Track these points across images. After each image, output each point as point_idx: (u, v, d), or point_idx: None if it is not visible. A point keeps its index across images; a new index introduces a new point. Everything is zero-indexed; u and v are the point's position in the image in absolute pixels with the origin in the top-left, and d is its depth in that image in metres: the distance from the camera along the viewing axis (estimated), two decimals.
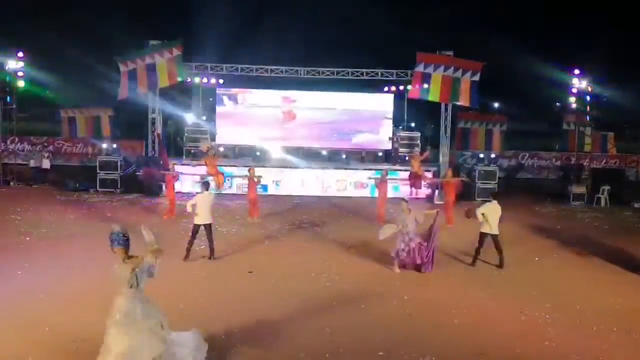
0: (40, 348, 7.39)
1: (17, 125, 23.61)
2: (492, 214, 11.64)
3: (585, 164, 23.47)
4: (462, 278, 11.17)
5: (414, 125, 27.55)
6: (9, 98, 21.89)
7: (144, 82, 20.59)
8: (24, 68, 21.58)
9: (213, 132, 23.33)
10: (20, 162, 23.66)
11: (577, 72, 21.56)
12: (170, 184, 16.69)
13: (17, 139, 24.63)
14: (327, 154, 23.61)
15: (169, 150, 21.63)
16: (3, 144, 22.66)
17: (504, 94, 38.68)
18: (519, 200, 19.74)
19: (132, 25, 30.85)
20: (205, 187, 12.27)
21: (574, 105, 22.39)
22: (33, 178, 21.85)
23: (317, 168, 21.28)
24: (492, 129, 25.98)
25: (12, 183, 21.44)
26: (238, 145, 23.54)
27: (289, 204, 18.82)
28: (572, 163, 23.18)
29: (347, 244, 13.45)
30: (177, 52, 20.51)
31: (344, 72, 22.05)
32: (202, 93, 24.72)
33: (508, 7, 41.97)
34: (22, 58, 21.41)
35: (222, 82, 23.31)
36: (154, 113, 21.73)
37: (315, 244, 13.56)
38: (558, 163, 26.22)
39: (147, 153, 22.62)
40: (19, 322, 8.18)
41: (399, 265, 11.38)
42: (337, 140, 23.86)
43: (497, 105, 42.15)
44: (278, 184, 20.62)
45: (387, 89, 23.80)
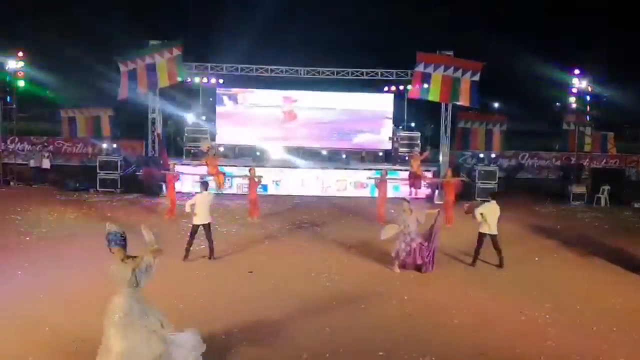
0: (40, 348, 7.40)
1: (17, 125, 23.67)
2: (490, 214, 11.64)
3: (585, 164, 23.45)
4: (462, 278, 11.17)
5: (414, 125, 27.53)
6: (9, 98, 21.92)
7: (144, 82, 20.61)
8: (24, 68, 21.59)
9: (213, 132, 23.34)
10: (20, 162, 23.63)
11: (577, 72, 21.58)
12: (171, 184, 16.70)
13: (17, 139, 24.61)
14: (327, 154, 23.60)
15: (169, 150, 21.65)
16: (3, 144, 22.67)
17: (504, 94, 38.66)
18: (519, 200, 19.74)
19: (132, 25, 30.86)
20: (204, 187, 12.27)
21: (574, 105, 22.42)
22: (33, 178, 21.84)
23: (317, 168, 21.29)
24: (492, 129, 25.98)
25: (12, 183, 21.44)
26: (238, 145, 23.54)
27: (289, 204, 18.82)
28: (572, 163, 23.16)
29: (347, 244, 13.45)
30: (177, 52, 20.54)
31: (344, 72, 22.06)
32: (202, 93, 24.73)
33: (508, 7, 42.00)
34: (22, 58, 21.42)
35: (221, 81, 23.32)
36: (154, 113, 21.74)
37: (315, 244, 13.57)
38: (558, 163, 26.18)
39: (147, 153, 22.62)
40: (19, 322, 8.18)
41: (399, 265, 11.38)
42: (337, 140, 23.86)
43: (497, 105, 42.13)
44: (278, 184, 20.61)
45: (387, 89, 23.79)
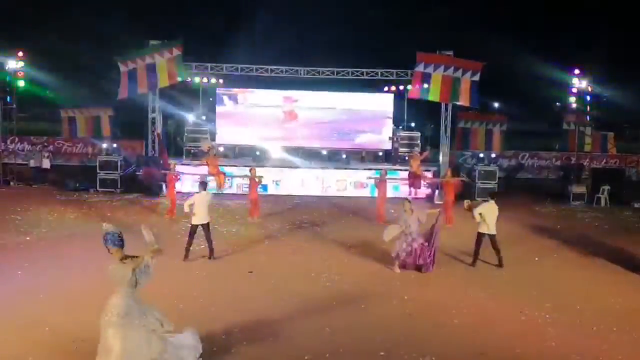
0: (40, 348, 7.39)
1: (17, 125, 23.62)
2: (489, 214, 11.66)
3: (585, 164, 23.44)
4: (462, 278, 11.17)
5: (414, 125, 27.51)
6: (9, 98, 21.89)
7: (144, 82, 20.61)
8: (24, 68, 21.58)
9: (213, 132, 23.34)
10: (21, 162, 23.62)
11: (577, 72, 21.56)
12: (172, 184, 16.71)
13: (17, 139, 24.61)
14: (327, 154, 23.60)
15: (169, 150, 21.65)
16: (3, 144, 22.66)
17: (504, 94, 38.66)
18: (519, 200, 19.75)
19: (132, 25, 30.84)
20: (203, 186, 12.30)
21: (574, 105, 22.40)
22: (33, 178, 21.83)
23: (317, 168, 21.29)
24: (492, 129, 25.96)
25: (12, 183, 21.43)
26: (238, 145, 23.53)
27: (289, 204, 18.82)
28: (572, 163, 23.14)
29: (347, 244, 13.44)
30: (177, 52, 20.54)
31: (344, 72, 22.06)
32: (202, 93, 24.73)
33: (508, 7, 42.00)
34: (22, 58, 21.41)
35: (221, 81, 23.32)
36: (154, 113, 21.73)
37: (315, 244, 13.56)
38: (558, 163, 26.18)
39: (147, 153, 22.61)
40: (19, 322, 8.17)
41: (400, 266, 11.38)
42: (337, 140, 23.86)
43: (497, 105, 42.11)
44: (278, 184, 20.60)
45: (387, 89, 23.80)
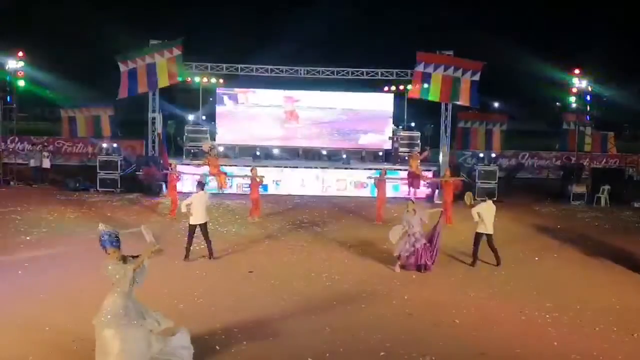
0: (40, 348, 7.39)
1: (17, 125, 23.60)
2: (487, 214, 11.68)
3: (586, 164, 23.42)
4: (462, 278, 11.17)
5: (414, 125, 27.52)
6: (9, 98, 21.86)
7: (144, 81, 20.60)
8: (24, 68, 21.56)
9: (213, 131, 23.33)
10: (21, 161, 23.58)
11: (577, 72, 21.55)
12: (172, 184, 16.71)
13: (17, 139, 24.58)
14: (327, 154, 23.59)
15: (169, 150, 21.64)
16: (3, 144, 22.63)
17: (504, 94, 38.72)
18: (519, 200, 19.76)
19: (132, 25, 30.86)
20: (201, 186, 12.32)
21: (574, 105, 22.39)
22: (33, 178, 21.81)
23: (317, 167, 21.28)
24: (492, 129, 25.98)
25: (12, 183, 21.40)
26: (238, 145, 23.52)
27: (289, 204, 18.81)
28: (572, 163, 23.13)
29: (347, 244, 13.45)
30: (177, 51, 20.54)
31: (344, 71, 22.06)
32: (202, 93, 24.73)
33: (508, 7, 42.05)
34: (22, 58, 21.40)
35: (221, 81, 23.30)
36: (154, 113, 21.71)
37: (315, 244, 13.56)
38: (558, 163, 26.18)
39: (147, 153, 22.59)
40: (19, 322, 8.17)
41: (400, 266, 11.39)
42: (337, 140, 23.84)
43: (497, 105, 42.16)
44: (278, 184, 20.58)
45: (387, 89, 23.77)
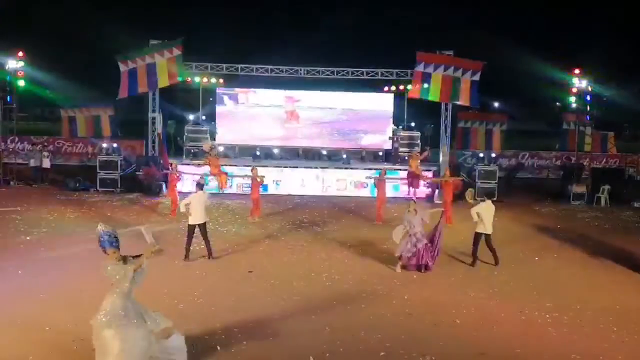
0: (40, 348, 7.39)
1: (17, 125, 23.61)
2: (486, 214, 11.69)
3: (586, 164, 23.42)
4: (462, 278, 11.16)
5: (414, 125, 27.54)
6: (9, 98, 21.87)
7: (144, 81, 20.61)
8: (24, 68, 21.56)
9: (213, 131, 23.33)
10: (21, 161, 23.58)
11: (577, 72, 21.55)
12: (173, 184, 16.71)
13: (17, 139, 24.59)
14: (327, 154, 23.60)
15: (169, 150, 21.64)
16: (3, 144, 22.64)
17: (504, 94, 38.72)
18: (519, 200, 19.77)
19: (132, 25, 30.88)
20: (200, 186, 12.31)
21: (574, 105, 22.39)
22: (33, 177, 21.81)
23: (317, 167, 21.28)
24: (492, 129, 25.99)
25: (12, 182, 21.40)
26: (238, 145, 23.52)
27: (289, 204, 18.81)
28: (572, 163, 23.13)
29: (347, 244, 13.45)
30: (177, 51, 20.55)
31: (344, 71, 22.07)
32: (202, 93, 24.73)
33: (508, 7, 42.07)
34: (22, 58, 21.40)
35: (221, 81, 23.30)
36: (154, 113, 21.71)
37: (315, 244, 13.56)
38: (558, 163, 26.18)
39: (147, 152, 22.59)
40: (19, 322, 8.17)
41: (401, 266, 11.39)
42: (337, 140, 23.85)
43: (497, 105, 42.15)
44: (278, 184, 20.58)
45: (387, 89, 23.78)
